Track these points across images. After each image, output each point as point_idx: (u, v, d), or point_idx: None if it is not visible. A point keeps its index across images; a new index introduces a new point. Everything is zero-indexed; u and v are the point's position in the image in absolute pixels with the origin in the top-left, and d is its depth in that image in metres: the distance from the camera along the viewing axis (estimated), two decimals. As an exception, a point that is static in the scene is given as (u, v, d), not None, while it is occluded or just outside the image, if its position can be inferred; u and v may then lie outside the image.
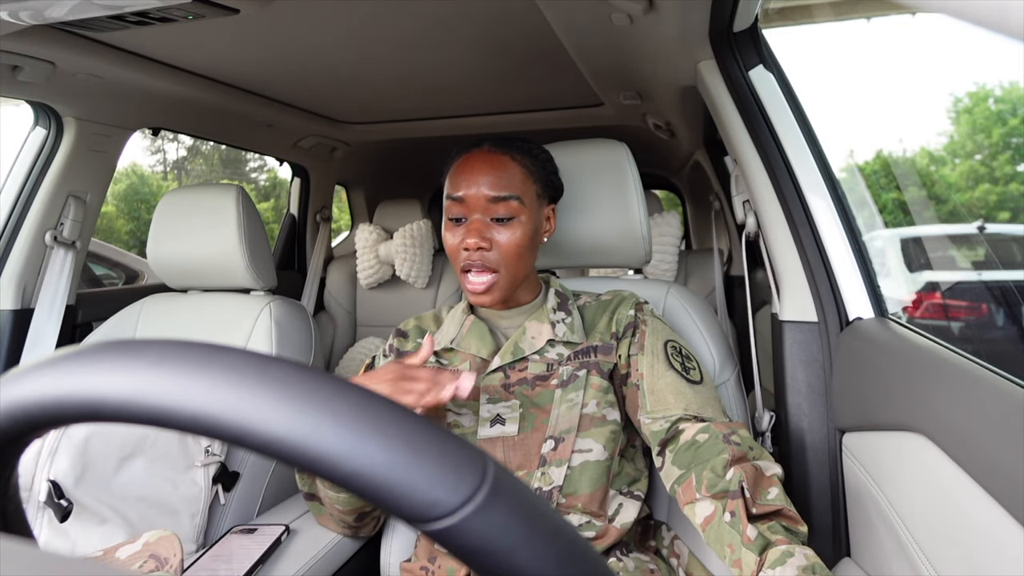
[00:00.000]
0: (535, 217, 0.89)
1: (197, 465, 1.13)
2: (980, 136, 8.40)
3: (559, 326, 0.91)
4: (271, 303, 1.29)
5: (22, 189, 1.44)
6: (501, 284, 0.86)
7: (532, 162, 0.89)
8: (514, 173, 0.87)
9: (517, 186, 0.86)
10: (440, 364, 0.93)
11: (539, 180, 0.90)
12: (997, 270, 3.73)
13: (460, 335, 0.93)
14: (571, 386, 0.87)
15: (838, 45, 13.92)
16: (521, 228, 0.86)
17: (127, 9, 0.96)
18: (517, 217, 0.86)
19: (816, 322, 0.95)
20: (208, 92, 1.54)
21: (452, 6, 1.12)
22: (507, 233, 0.85)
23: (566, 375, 0.88)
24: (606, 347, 0.90)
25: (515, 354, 0.89)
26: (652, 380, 0.85)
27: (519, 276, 0.88)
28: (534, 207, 0.89)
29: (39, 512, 0.99)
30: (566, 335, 0.90)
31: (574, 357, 0.89)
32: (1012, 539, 0.48)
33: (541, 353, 0.89)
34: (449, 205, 0.88)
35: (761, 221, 1.03)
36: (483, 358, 0.91)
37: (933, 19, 1.08)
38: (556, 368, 0.89)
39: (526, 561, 0.22)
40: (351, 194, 2.77)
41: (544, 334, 0.90)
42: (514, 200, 0.85)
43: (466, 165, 0.87)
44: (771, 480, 0.72)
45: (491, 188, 0.85)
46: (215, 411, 0.23)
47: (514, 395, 0.88)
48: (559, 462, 0.84)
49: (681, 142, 2.08)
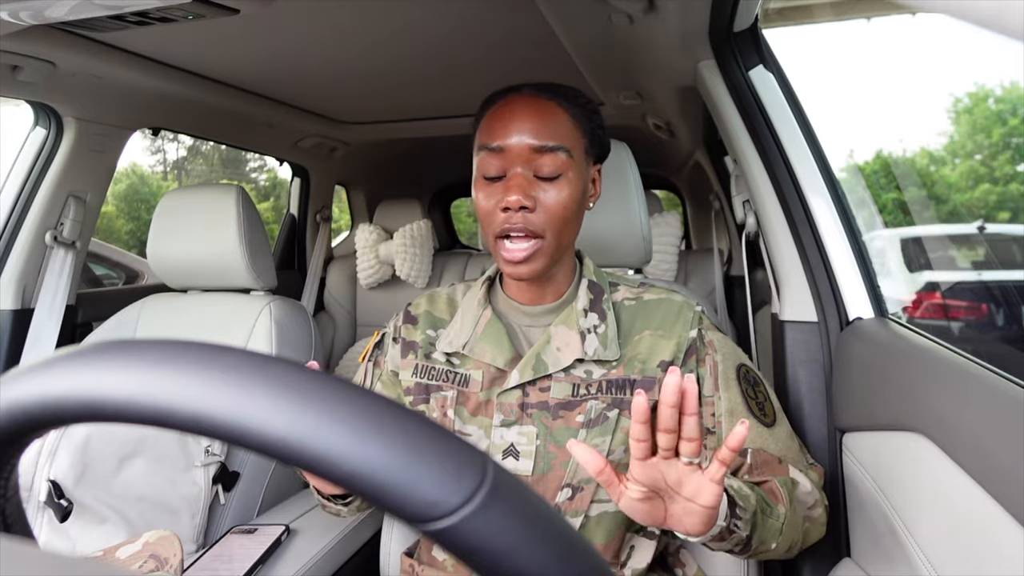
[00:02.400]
0: (583, 176, 0.74)
1: (197, 465, 1.13)
2: (980, 136, 8.40)
3: (590, 338, 0.76)
4: (271, 303, 1.29)
5: (22, 189, 1.44)
6: (545, 251, 0.72)
7: (580, 112, 0.75)
8: (562, 122, 0.73)
9: (566, 136, 0.72)
10: (452, 369, 0.81)
11: (587, 133, 0.76)
12: (997, 270, 3.73)
13: (474, 337, 0.80)
14: (598, 428, 0.74)
15: (838, 45, 13.93)
16: (570, 187, 0.72)
17: (127, 9, 0.96)
18: (565, 174, 0.72)
19: (816, 322, 0.95)
20: (208, 92, 1.54)
21: (452, 6, 1.12)
22: (554, 192, 0.71)
23: (594, 413, 0.74)
24: (648, 381, 0.75)
25: (537, 370, 0.75)
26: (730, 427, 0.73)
27: (564, 245, 0.75)
28: (583, 164, 0.74)
29: (39, 512, 0.99)
30: (598, 352, 0.75)
31: (606, 389, 0.75)
32: (1012, 539, 0.48)
33: (567, 371, 0.76)
34: (484, 159, 0.73)
35: (761, 221, 1.03)
36: (499, 368, 0.77)
37: (933, 19, 1.08)
38: (582, 393, 0.75)
39: (526, 561, 0.22)
40: (351, 194, 2.77)
41: (572, 346, 0.76)
42: (562, 152, 0.71)
43: (506, 110, 0.73)
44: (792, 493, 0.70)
45: (536, 137, 0.71)
46: (215, 411, 0.23)
47: (532, 419, 0.76)
48: (575, 512, 0.74)
49: (681, 142, 2.08)
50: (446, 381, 0.81)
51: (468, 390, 0.79)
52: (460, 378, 0.80)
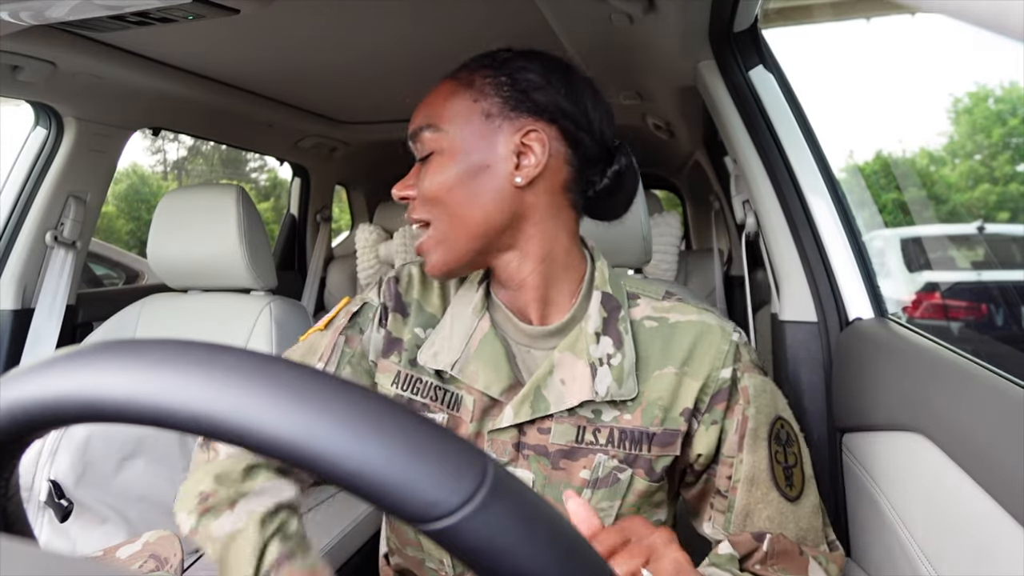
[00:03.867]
0: (477, 138, 0.62)
1: (197, 465, 1.13)
2: (980, 136, 8.40)
3: (602, 372, 0.62)
4: (271, 303, 1.29)
5: (22, 189, 1.44)
6: (436, 239, 0.64)
7: (486, 71, 0.63)
8: (442, 97, 0.64)
9: (439, 113, 0.63)
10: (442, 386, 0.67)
11: (498, 91, 0.62)
12: (997, 270, 3.73)
13: (466, 354, 0.65)
14: (605, 491, 0.63)
15: (838, 45, 13.92)
16: (442, 163, 0.62)
17: (127, 9, 0.96)
18: (437, 152, 0.63)
19: (816, 322, 0.95)
20: (208, 92, 1.54)
21: (452, 6, 1.12)
22: (426, 174, 0.63)
23: (602, 471, 0.62)
24: (668, 435, 0.62)
25: (536, 408, 0.62)
26: (748, 501, 0.62)
27: (463, 229, 0.63)
28: (477, 125, 0.62)
29: (39, 512, 0.99)
30: (611, 391, 0.61)
31: (618, 441, 0.63)
32: (1012, 539, 0.48)
33: (572, 410, 0.63)
34: None
35: (761, 221, 1.03)
36: (492, 397, 0.64)
37: (933, 19, 1.08)
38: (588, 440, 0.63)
39: (526, 561, 0.22)
40: (351, 194, 2.77)
41: (580, 383, 0.62)
42: (427, 131, 0.63)
43: None
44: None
45: (409, 127, 0.66)
46: (215, 411, 0.23)
47: (528, 463, 0.64)
48: None
49: (681, 142, 2.08)
50: (434, 400, 0.67)
51: (459, 415, 0.66)
52: (451, 398, 0.66)
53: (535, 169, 0.61)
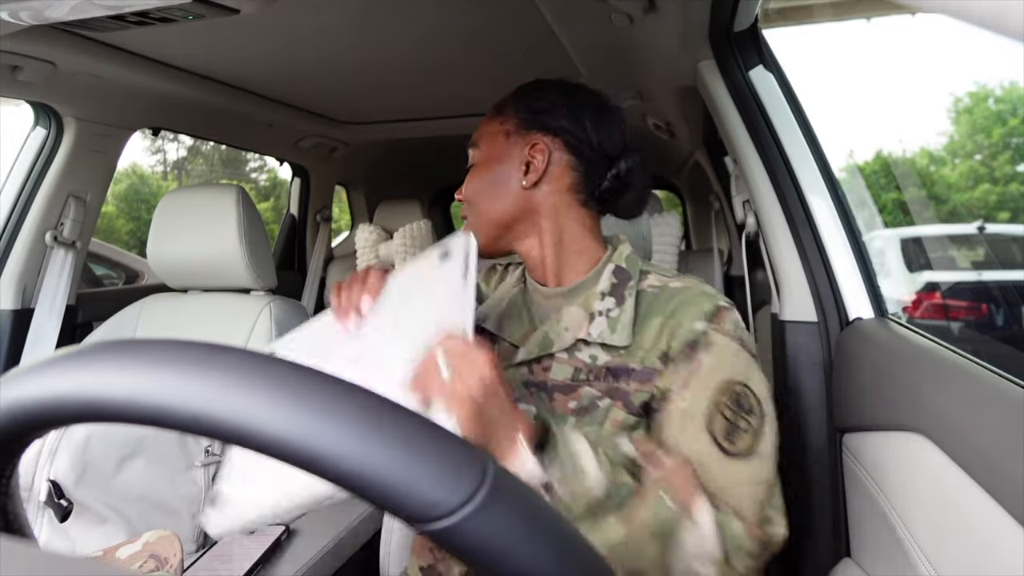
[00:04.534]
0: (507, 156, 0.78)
1: (197, 465, 1.13)
2: (980, 136, 8.40)
3: (598, 320, 0.72)
4: (271, 303, 1.29)
5: (22, 189, 1.44)
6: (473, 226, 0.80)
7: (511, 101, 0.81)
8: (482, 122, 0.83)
9: (481, 136, 0.82)
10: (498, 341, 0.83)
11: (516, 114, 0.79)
12: (997, 270, 3.73)
13: (496, 312, 0.83)
14: (588, 417, 0.71)
15: (838, 45, 13.92)
16: (479, 172, 0.80)
17: (127, 9, 0.96)
18: (476, 164, 0.81)
19: (816, 322, 0.95)
20: (208, 92, 1.54)
21: (452, 6, 1.12)
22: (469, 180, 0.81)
23: (586, 400, 0.71)
24: (646, 373, 0.70)
25: (542, 347, 0.74)
26: (677, 436, 0.66)
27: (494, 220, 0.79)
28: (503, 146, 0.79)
29: (39, 512, 0.99)
30: (603, 335, 0.71)
31: (605, 375, 0.71)
32: (1012, 539, 0.48)
33: (571, 352, 0.73)
34: None
35: (761, 221, 1.03)
36: (512, 343, 0.79)
37: (933, 19, 1.08)
38: (582, 378, 0.72)
39: (526, 561, 0.22)
40: (351, 194, 2.77)
41: (578, 327, 0.73)
42: (472, 150, 0.82)
43: None
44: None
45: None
46: (215, 411, 0.23)
47: (533, 398, 0.75)
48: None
49: (681, 142, 2.08)
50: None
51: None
52: (494, 340, 0.83)
53: (537, 174, 0.77)
